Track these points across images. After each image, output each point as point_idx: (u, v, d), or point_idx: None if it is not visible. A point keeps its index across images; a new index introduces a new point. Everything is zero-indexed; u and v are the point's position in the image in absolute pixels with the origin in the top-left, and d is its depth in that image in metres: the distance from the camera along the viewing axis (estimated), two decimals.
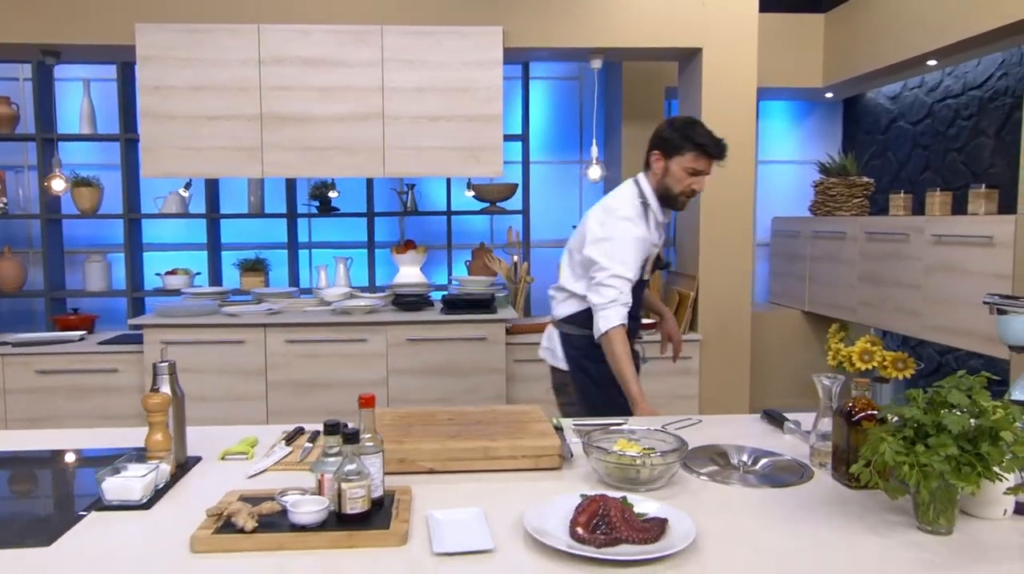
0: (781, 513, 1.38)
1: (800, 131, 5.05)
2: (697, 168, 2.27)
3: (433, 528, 1.31)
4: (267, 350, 3.49)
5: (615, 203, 2.33)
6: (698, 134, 2.27)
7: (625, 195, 2.35)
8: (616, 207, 2.31)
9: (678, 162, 2.27)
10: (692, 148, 2.25)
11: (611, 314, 2.22)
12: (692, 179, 2.28)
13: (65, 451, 1.81)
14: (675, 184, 2.29)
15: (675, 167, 2.27)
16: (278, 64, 3.52)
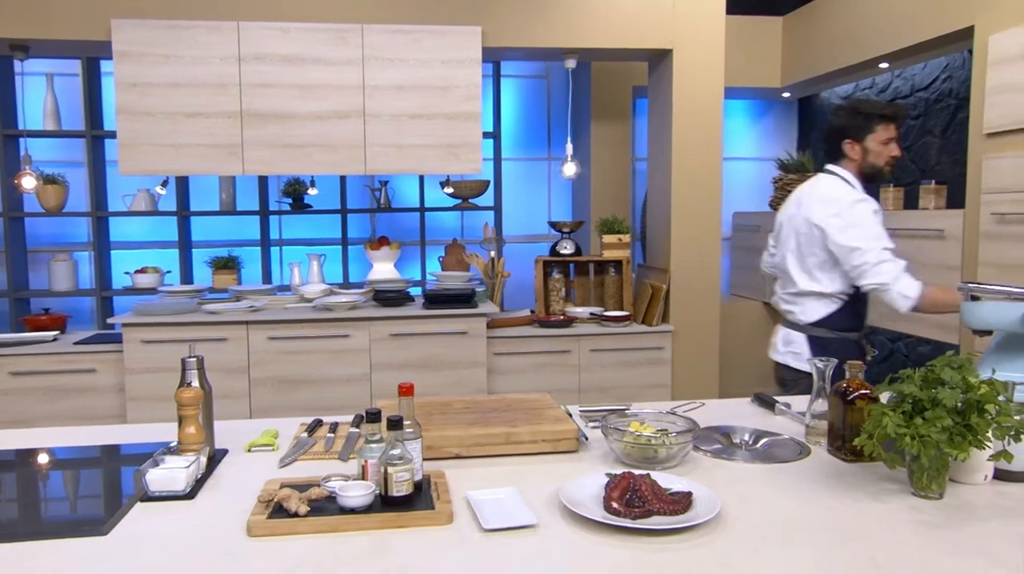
0: (788, 485, 1.51)
1: (758, 129, 5.27)
2: (889, 136, 2.42)
3: (475, 507, 1.39)
4: (250, 347, 3.50)
5: (836, 194, 2.41)
6: (875, 108, 2.44)
7: (836, 185, 2.44)
8: (839, 197, 2.39)
9: (872, 139, 2.42)
10: (878, 121, 2.41)
11: (905, 285, 2.30)
12: (888, 147, 2.43)
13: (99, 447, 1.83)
14: (877, 159, 2.43)
15: (872, 145, 2.42)
16: (258, 61, 3.52)
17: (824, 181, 2.48)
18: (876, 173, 2.46)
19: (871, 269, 2.31)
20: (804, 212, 2.46)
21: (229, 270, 4.15)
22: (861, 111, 2.43)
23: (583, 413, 2.01)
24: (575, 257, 4.17)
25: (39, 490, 1.65)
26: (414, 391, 1.51)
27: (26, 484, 1.69)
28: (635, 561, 1.19)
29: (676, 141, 3.92)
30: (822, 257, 2.43)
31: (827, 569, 1.16)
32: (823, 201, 2.41)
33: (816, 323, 2.52)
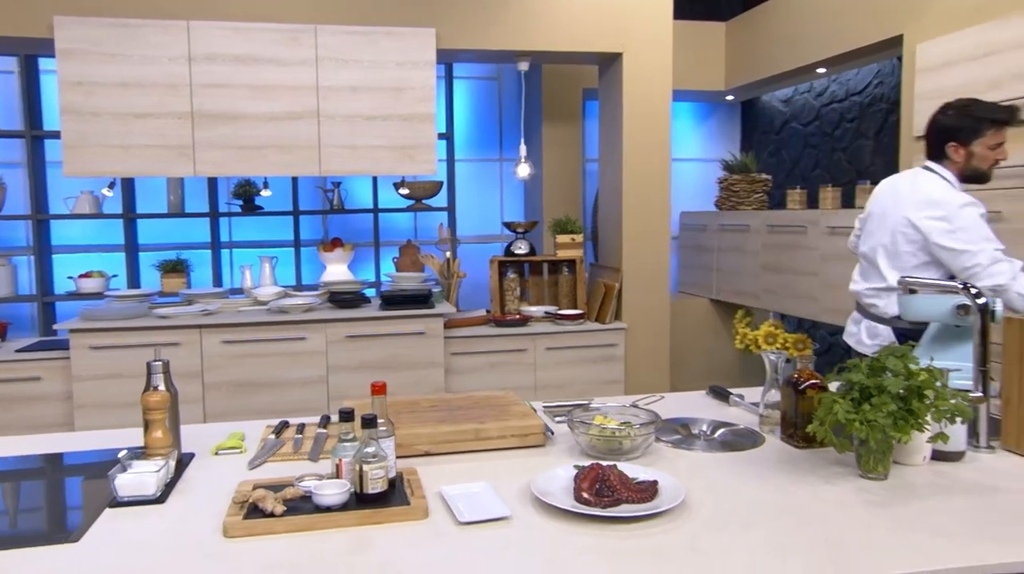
0: (746, 471, 1.59)
1: (703, 131, 5.43)
2: (999, 141, 2.37)
3: (450, 502, 1.42)
4: (203, 351, 3.44)
5: (941, 196, 2.36)
6: (988, 111, 2.37)
7: (939, 186, 2.39)
8: (945, 200, 2.35)
9: (981, 144, 2.36)
10: (991, 126, 2.35)
11: (1022, 284, 2.25)
12: (997, 152, 2.38)
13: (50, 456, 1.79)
14: (982, 163, 2.39)
15: (979, 149, 2.37)
16: (209, 62, 3.47)
17: (926, 180, 2.43)
18: (978, 176, 2.42)
19: (984, 271, 2.27)
20: (903, 211, 2.43)
21: (178, 273, 4.07)
22: (972, 114, 2.36)
23: (546, 409, 2.07)
24: (529, 257, 4.23)
25: (3, 500, 1.61)
26: (387, 390, 1.53)
27: None
28: (606, 547, 1.24)
29: (626, 142, 4.02)
30: (922, 258, 2.40)
31: (786, 547, 1.23)
32: (927, 203, 2.37)
33: (899, 316, 2.45)
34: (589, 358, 3.97)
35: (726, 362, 4.81)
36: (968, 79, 3.01)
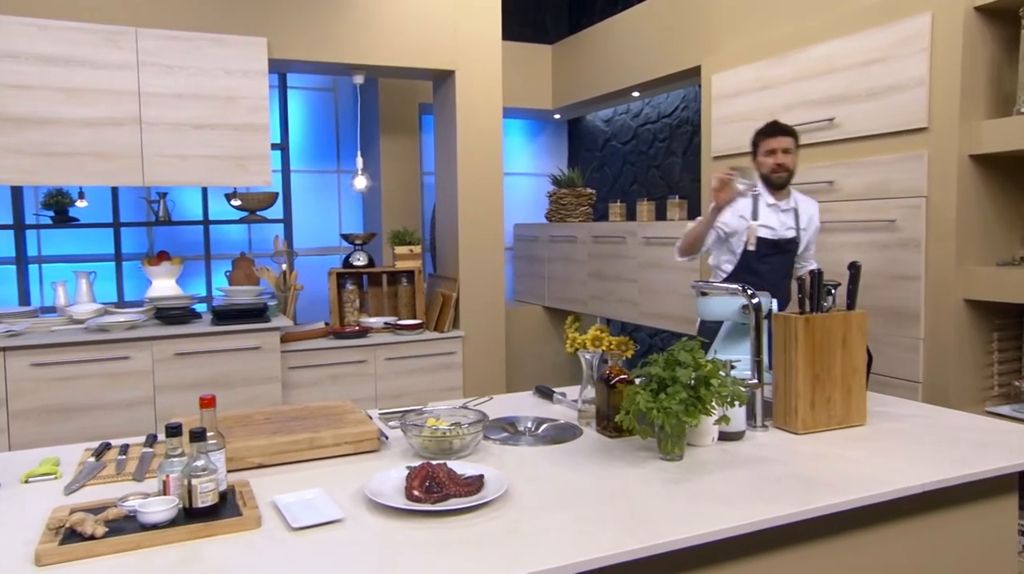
0: (565, 461, 1.75)
1: (534, 147, 5.71)
2: (768, 149, 2.82)
3: (283, 509, 1.46)
4: (7, 376, 3.16)
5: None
6: (759, 128, 2.89)
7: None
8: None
9: (759, 153, 2.86)
10: (758, 138, 2.87)
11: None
12: (771, 158, 2.81)
13: None
14: (763, 168, 2.84)
15: (759, 158, 2.86)
16: (12, 60, 3.20)
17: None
18: (768, 181, 2.88)
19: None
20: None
21: None
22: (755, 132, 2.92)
23: (382, 415, 2.13)
24: (368, 268, 4.25)
25: None
26: (216, 402, 1.54)
27: None
28: (436, 539, 1.34)
29: (460, 157, 4.16)
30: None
31: (596, 522, 1.39)
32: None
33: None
34: (428, 366, 4.06)
35: (558, 365, 5.09)
36: (751, 107, 3.43)
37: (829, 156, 3.09)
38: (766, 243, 2.88)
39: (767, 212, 2.90)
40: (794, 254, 2.92)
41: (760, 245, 2.90)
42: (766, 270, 2.90)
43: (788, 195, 2.91)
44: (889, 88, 2.81)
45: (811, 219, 2.94)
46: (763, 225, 2.88)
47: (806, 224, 2.93)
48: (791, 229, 2.88)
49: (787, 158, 2.83)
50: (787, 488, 1.55)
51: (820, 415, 1.90)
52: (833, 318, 1.91)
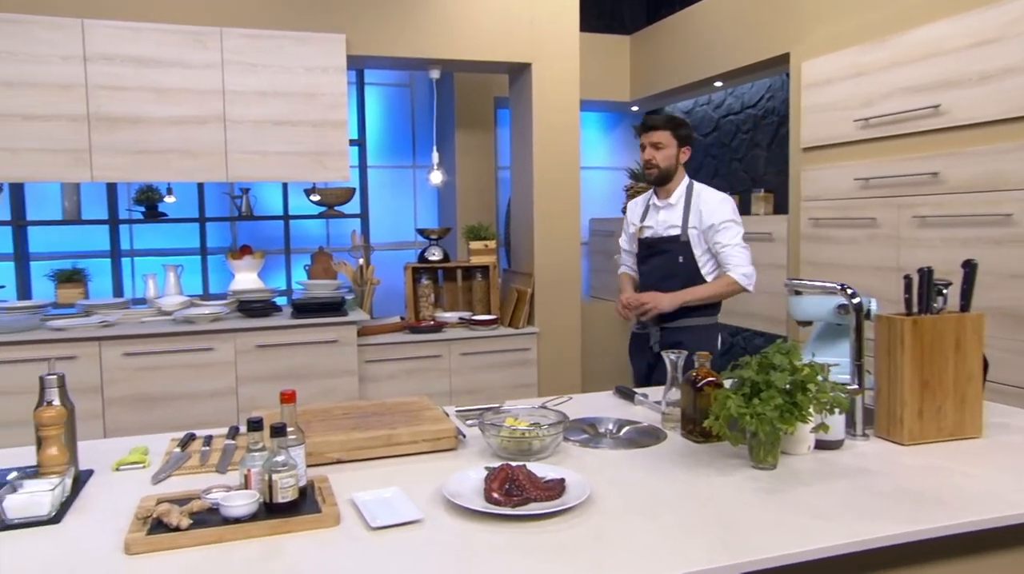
0: (649, 466, 1.67)
1: (611, 140, 5.60)
2: (640, 143, 2.77)
3: (362, 508, 1.44)
4: (103, 365, 3.29)
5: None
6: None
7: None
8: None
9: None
10: (636, 134, 2.82)
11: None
12: (642, 154, 2.75)
13: None
14: (642, 166, 2.78)
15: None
16: (107, 62, 3.33)
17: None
18: (644, 178, 2.89)
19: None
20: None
21: (75, 283, 3.87)
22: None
23: (459, 413, 2.10)
24: (443, 263, 4.25)
25: None
26: (296, 398, 1.53)
27: None
28: (516, 543, 1.29)
29: (536, 151, 4.11)
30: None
31: (683, 532, 1.31)
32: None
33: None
34: (503, 362, 4.02)
35: None
36: (845, 96, 3.24)
37: (933, 146, 2.89)
38: (644, 244, 2.82)
39: (652, 212, 2.82)
40: (679, 254, 2.71)
41: (640, 246, 2.84)
42: (645, 271, 2.85)
43: (671, 192, 2.75)
44: (1004, 70, 2.59)
45: (707, 214, 2.68)
46: (645, 225, 2.82)
47: (697, 221, 2.69)
48: (673, 227, 2.73)
49: (657, 154, 2.70)
50: (893, 504, 1.43)
51: (929, 425, 1.76)
52: (945, 320, 1.76)
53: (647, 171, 2.73)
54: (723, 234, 2.67)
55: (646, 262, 2.81)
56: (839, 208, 3.28)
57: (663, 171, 2.70)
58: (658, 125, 2.69)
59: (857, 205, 3.18)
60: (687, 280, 2.70)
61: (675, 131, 2.70)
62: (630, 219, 2.90)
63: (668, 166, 2.70)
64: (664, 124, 2.70)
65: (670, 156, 2.70)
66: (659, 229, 2.76)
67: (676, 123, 2.72)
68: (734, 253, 2.67)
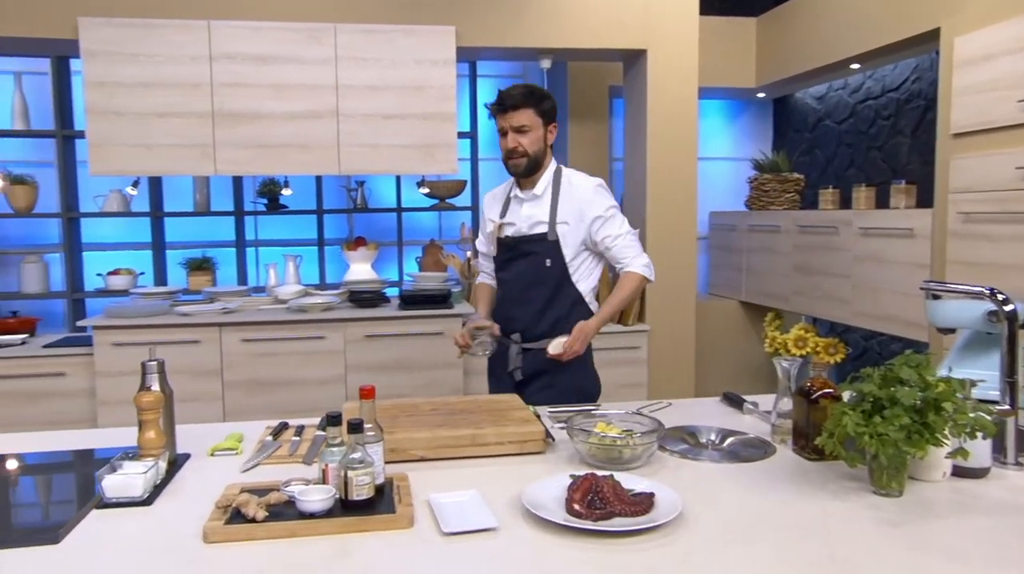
0: (751, 484, 1.51)
1: (733, 129, 5.30)
2: (498, 127, 2.26)
3: (437, 510, 1.38)
4: (223, 349, 3.46)
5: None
6: (490, 102, 2.29)
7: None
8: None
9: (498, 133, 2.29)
10: (491, 113, 2.28)
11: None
12: (502, 140, 2.26)
13: (59, 453, 1.80)
14: (503, 154, 2.29)
15: (500, 140, 2.29)
16: (229, 61, 3.49)
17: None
18: (507, 168, 2.30)
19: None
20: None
21: (204, 271, 4.11)
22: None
23: (552, 413, 2.01)
24: None
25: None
26: (375, 394, 1.50)
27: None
28: (595, 562, 1.19)
29: (651, 141, 3.93)
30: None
31: (786, 565, 1.16)
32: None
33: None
34: (610, 360, 3.88)
35: (754, 367, 4.68)
36: (1005, 74, 2.85)
37: None
38: (504, 244, 2.34)
39: (514, 206, 2.35)
40: (545, 256, 2.27)
41: (500, 247, 2.36)
42: (507, 278, 2.36)
43: (536, 182, 2.30)
44: None
45: (586, 205, 2.25)
46: (506, 222, 2.34)
47: (570, 215, 2.25)
48: (540, 224, 2.27)
49: (522, 139, 2.22)
50: None
51: None
52: None
53: (512, 162, 2.25)
54: (610, 225, 2.27)
55: (507, 267, 2.34)
56: (995, 201, 2.90)
57: (532, 159, 2.24)
58: (519, 103, 2.19)
59: (1017, 198, 2.80)
60: (555, 288, 2.28)
61: (539, 107, 2.22)
62: (487, 215, 2.42)
63: (537, 152, 2.24)
64: (526, 100, 2.20)
65: (538, 139, 2.24)
66: (522, 226, 2.30)
67: (539, 96, 2.23)
68: (628, 243, 2.29)
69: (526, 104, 2.20)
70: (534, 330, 2.32)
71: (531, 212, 2.30)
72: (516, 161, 2.25)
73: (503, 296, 2.39)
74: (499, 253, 2.37)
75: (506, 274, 2.37)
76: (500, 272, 2.40)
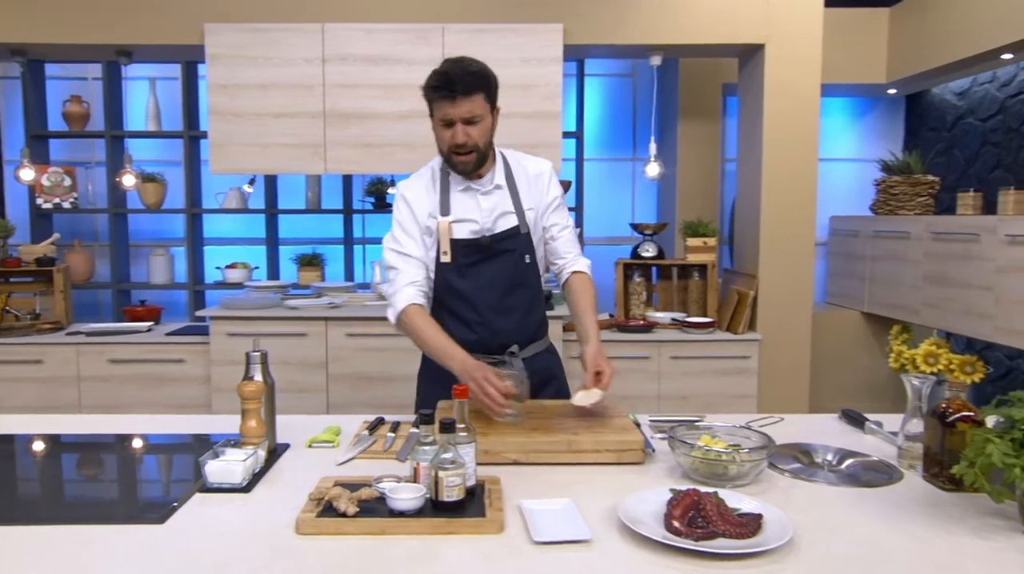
0: (875, 512, 1.37)
1: (859, 128, 4.97)
2: (442, 117, 1.86)
3: (528, 517, 1.33)
4: (328, 343, 3.56)
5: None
6: (429, 79, 1.86)
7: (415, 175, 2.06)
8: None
9: (435, 121, 1.90)
10: (428, 96, 1.87)
11: (397, 299, 1.94)
12: (446, 131, 1.87)
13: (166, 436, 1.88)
14: (441, 145, 1.91)
15: (435, 128, 1.91)
16: (341, 62, 3.59)
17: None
18: (450, 164, 1.92)
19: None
20: None
21: (314, 267, 4.25)
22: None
23: (653, 423, 1.91)
24: (658, 260, 4.03)
25: (112, 474, 1.70)
26: (469, 393, 1.46)
27: (101, 469, 1.75)
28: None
29: (768, 141, 3.73)
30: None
31: None
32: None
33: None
34: (718, 369, 3.71)
35: (876, 383, 4.35)
36: None
37: None
38: (465, 246, 1.93)
39: (462, 199, 1.94)
40: (523, 253, 1.94)
41: (457, 252, 1.93)
42: (472, 287, 1.93)
43: (491, 168, 1.95)
44: None
45: (540, 191, 1.96)
46: (457, 219, 1.92)
47: (532, 201, 1.95)
48: (507, 215, 1.93)
49: (473, 131, 1.84)
50: None
51: None
52: None
53: (460, 159, 1.87)
54: (560, 212, 1.99)
55: (471, 272, 1.92)
56: None
57: (482, 155, 1.89)
58: (471, 87, 1.80)
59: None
60: (535, 290, 1.97)
61: (489, 92, 1.86)
62: (416, 214, 1.95)
63: (486, 143, 1.89)
64: (477, 84, 1.82)
65: (487, 130, 1.88)
66: (485, 221, 1.93)
67: (488, 78, 1.86)
68: (573, 238, 2.03)
69: (478, 87, 1.82)
70: (523, 342, 2.01)
71: (494, 204, 1.94)
72: (464, 159, 1.87)
73: (472, 308, 1.94)
74: (457, 258, 1.93)
75: (471, 282, 1.95)
76: (461, 280, 1.95)
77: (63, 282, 3.79)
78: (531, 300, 2.00)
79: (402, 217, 1.98)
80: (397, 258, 1.97)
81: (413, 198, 1.98)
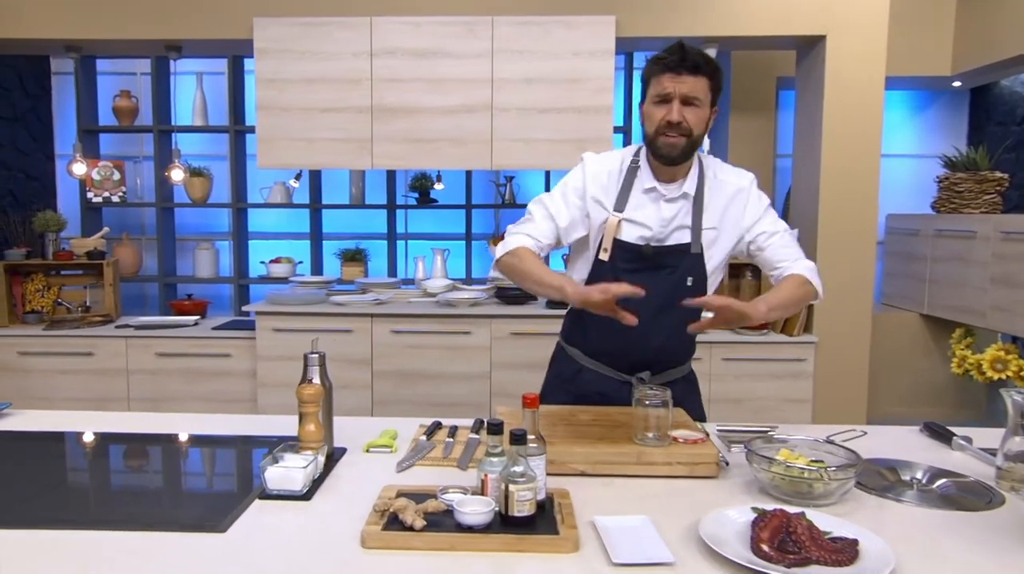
0: (981, 539, 1.27)
1: (920, 123, 4.79)
2: (660, 91, 1.71)
3: (604, 535, 1.25)
4: (373, 340, 3.52)
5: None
6: (656, 54, 1.74)
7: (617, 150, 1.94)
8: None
9: (648, 99, 1.75)
10: (649, 71, 1.74)
11: (503, 245, 1.85)
12: (658, 108, 1.72)
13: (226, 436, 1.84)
14: (649, 126, 1.75)
15: (647, 107, 1.76)
16: (389, 56, 3.54)
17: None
18: (651, 147, 1.76)
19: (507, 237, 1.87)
20: None
21: (357, 262, 4.22)
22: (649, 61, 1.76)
23: (721, 433, 1.82)
24: None
25: (163, 477, 1.67)
26: (539, 403, 1.39)
27: (151, 471, 1.71)
28: None
29: (827, 136, 3.59)
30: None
31: None
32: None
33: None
34: (772, 372, 3.60)
35: (937, 388, 4.18)
36: None
37: None
38: (627, 250, 1.77)
39: (642, 201, 1.79)
40: (687, 274, 1.78)
41: (617, 253, 1.78)
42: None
43: (686, 173, 1.79)
44: None
45: (736, 211, 1.80)
46: (630, 219, 1.78)
47: (717, 221, 1.79)
48: (683, 229, 1.78)
49: (690, 114, 1.69)
50: None
51: None
52: None
53: (668, 140, 1.71)
54: (764, 222, 1.83)
55: (627, 280, 1.61)
56: None
57: (693, 142, 1.73)
58: (700, 67, 1.68)
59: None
60: (686, 314, 1.71)
61: (715, 82, 1.72)
62: (587, 190, 1.84)
63: (699, 136, 1.74)
64: (708, 66, 1.70)
65: (703, 120, 1.73)
66: (661, 230, 1.79)
67: (718, 68, 1.74)
68: (787, 242, 1.84)
69: (705, 71, 1.70)
70: (658, 367, 1.89)
71: (674, 214, 1.79)
72: (674, 140, 1.71)
73: (607, 323, 1.66)
74: (616, 257, 1.79)
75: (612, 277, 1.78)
76: (606, 280, 1.76)
77: (112, 275, 3.81)
78: (677, 327, 1.78)
79: (571, 184, 1.88)
80: (539, 211, 1.88)
81: (593, 175, 1.86)
